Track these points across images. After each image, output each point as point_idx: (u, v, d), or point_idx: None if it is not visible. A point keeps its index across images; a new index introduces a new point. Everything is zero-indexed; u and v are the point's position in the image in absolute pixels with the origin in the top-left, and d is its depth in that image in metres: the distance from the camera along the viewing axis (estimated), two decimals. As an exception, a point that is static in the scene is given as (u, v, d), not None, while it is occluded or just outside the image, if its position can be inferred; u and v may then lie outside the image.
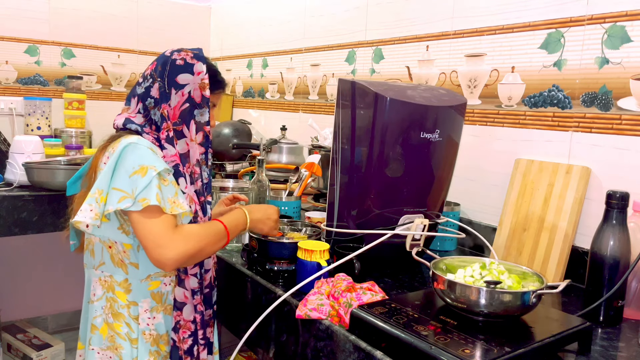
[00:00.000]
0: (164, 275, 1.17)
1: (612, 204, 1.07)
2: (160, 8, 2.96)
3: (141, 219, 1.04)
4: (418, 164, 1.26)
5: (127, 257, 1.14)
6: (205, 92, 1.17)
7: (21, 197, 1.95)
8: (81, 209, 1.04)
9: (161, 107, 1.13)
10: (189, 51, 1.18)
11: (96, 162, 1.15)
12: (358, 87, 1.23)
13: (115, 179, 1.05)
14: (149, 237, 1.04)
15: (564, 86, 1.37)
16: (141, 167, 1.05)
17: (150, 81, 1.15)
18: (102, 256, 1.16)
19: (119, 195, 1.04)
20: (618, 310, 1.08)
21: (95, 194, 1.05)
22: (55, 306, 2.93)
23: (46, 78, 2.68)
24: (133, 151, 1.07)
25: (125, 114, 1.18)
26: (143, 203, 1.03)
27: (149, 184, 1.04)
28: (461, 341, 0.85)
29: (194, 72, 1.15)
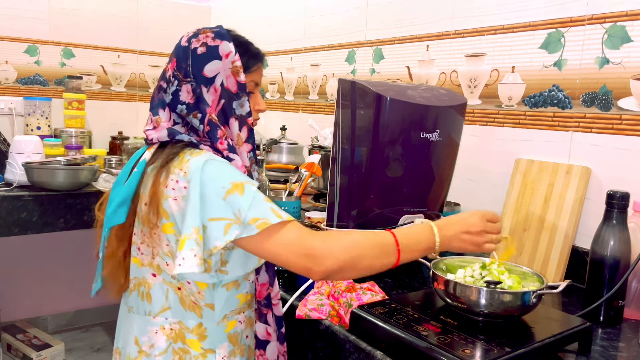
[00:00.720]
0: (238, 312, 1.00)
1: (613, 204, 1.07)
2: (160, 8, 2.96)
3: (264, 240, 0.86)
4: (418, 164, 1.26)
5: (201, 298, 0.95)
6: (240, 77, 0.96)
7: (21, 197, 1.95)
8: (183, 257, 0.84)
9: (205, 113, 0.93)
10: (207, 31, 0.96)
11: (156, 187, 0.91)
12: (358, 87, 1.23)
13: (208, 208, 0.86)
14: (290, 247, 0.86)
15: (564, 86, 1.37)
16: (234, 185, 0.86)
17: (176, 84, 0.95)
18: (166, 300, 0.96)
19: (221, 226, 0.85)
20: (618, 310, 1.08)
21: (193, 234, 0.85)
22: (55, 306, 2.93)
23: (46, 78, 2.68)
24: (215, 169, 0.88)
25: (164, 125, 0.97)
26: (257, 224, 0.84)
27: (254, 200, 0.86)
28: (461, 341, 0.85)
29: (221, 55, 0.94)
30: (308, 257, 0.86)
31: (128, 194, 0.96)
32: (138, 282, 0.99)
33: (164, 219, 0.91)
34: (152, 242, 0.94)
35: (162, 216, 0.91)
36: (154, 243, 0.94)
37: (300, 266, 0.87)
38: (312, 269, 0.86)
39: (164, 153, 0.94)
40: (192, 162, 0.89)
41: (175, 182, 0.89)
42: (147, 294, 0.97)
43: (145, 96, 2.99)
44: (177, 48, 0.97)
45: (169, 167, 0.91)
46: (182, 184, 0.88)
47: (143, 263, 0.98)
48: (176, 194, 0.89)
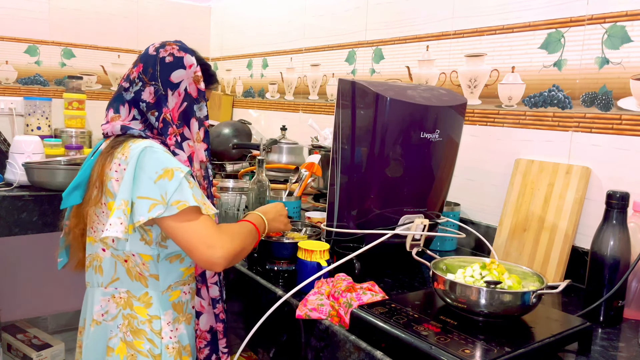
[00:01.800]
0: (182, 284, 1.14)
1: (612, 204, 1.07)
2: (160, 8, 2.96)
3: (180, 223, 0.99)
4: (418, 164, 1.26)
5: (146, 269, 1.08)
6: (200, 85, 1.12)
7: (21, 197, 1.95)
8: (110, 223, 0.97)
9: (162, 112, 1.07)
10: (172, 44, 1.12)
11: (101, 171, 1.06)
12: (358, 87, 1.23)
13: (139, 187, 0.98)
14: (197, 238, 1.00)
15: (564, 86, 1.37)
16: (165, 171, 0.99)
17: (140, 85, 1.08)
18: (114, 272, 1.09)
19: (148, 204, 0.97)
20: (618, 310, 1.08)
21: (122, 206, 0.97)
22: (55, 306, 2.93)
23: (46, 78, 2.68)
24: (151, 155, 1.00)
25: (118, 122, 1.10)
26: (178, 206, 0.98)
27: (179, 186, 0.99)
28: (461, 341, 0.85)
29: (185, 65, 1.09)
30: (214, 251, 1.00)
31: (82, 178, 1.11)
32: (92, 258, 1.12)
33: (109, 198, 1.05)
34: (101, 219, 1.07)
35: (107, 196, 1.05)
36: (103, 220, 1.07)
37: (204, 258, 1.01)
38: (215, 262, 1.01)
39: (112, 141, 1.09)
40: (133, 147, 1.02)
41: (117, 165, 1.04)
42: (99, 267, 1.11)
43: (145, 96, 2.98)
44: (145, 55, 1.11)
45: (113, 152, 1.05)
46: (122, 167, 1.02)
47: (95, 240, 1.11)
48: (118, 176, 1.03)
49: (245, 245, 1.09)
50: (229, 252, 1.02)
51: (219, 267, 1.02)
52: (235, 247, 1.04)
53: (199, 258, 1.01)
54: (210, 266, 1.03)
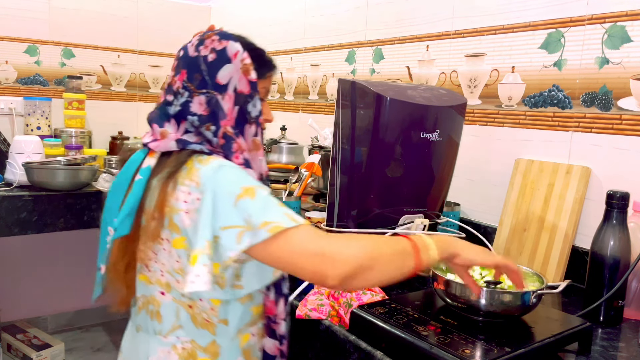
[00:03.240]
0: (251, 324, 0.96)
1: (613, 204, 1.07)
2: (160, 8, 2.96)
3: (276, 246, 0.79)
4: (418, 164, 1.25)
5: (214, 314, 0.90)
6: (251, 75, 0.91)
7: (21, 197, 1.95)
8: (196, 273, 0.78)
9: (219, 125, 0.88)
10: (211, 34, 0.91)
11: (162, 200, 0.86)
12: (358, 87, 1.23)
13: (219, 215, 0.80)
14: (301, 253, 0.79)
15: (564, 86, 1.37)
16: (245, 189, 0.81)
17: (187, 95, 0.89)
18: (176, 318, 0.91)
19: (233, 234, 0.79)
20: (618, 310, 1.08)
21: (206, 249, 0.79)
22: (55, 306, 2.93)
23: (46, 78, 2.68)
24: (226, 175, 0.83)
25: (172, 136, 0.90)
26: (268, 228, 0.78)
27: (265, 204, 0.80)
28: (461, 341, 0.85)
29: (230, 56, 0.89)
30: (322, 260, 0.78)
31: (134, 204, 0.89)
32: (146, 300, 0.93)
33: (175, 234, 0.86)
34: (161, 258, 0.89)
35: (172, 231, 0.86)
36: (162, 259, 0.89)
37: (312, 270, 0.78)
38: (326, 273, 0.77)
39: (169, 162, 0.88)
40: (203, 171, 0.83)
41: (187, 194, 0.84)
42: (156, 313, 0.92)
43: (145, 96, 2.99)
44: (186, 59, 0.91)
45: (176, 178, 0.85)
46: (194, 196, 0.83)
47: (151, 281, 0.92)
48: (188, 207, 0.83)
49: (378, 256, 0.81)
50: (346, 260, 0.78)
51: (331, 279, 0.77)
52: (354, 254, 0.79)
53: (304, 274, 0.80)
54: (320, 280, 0.79)
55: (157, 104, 0.95)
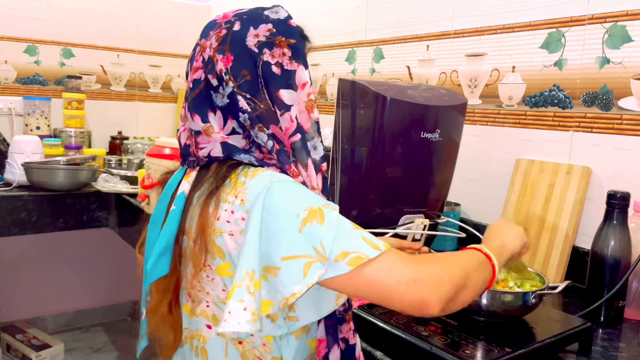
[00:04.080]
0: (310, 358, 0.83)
1: (613, 204, 1.07)
2: (160, 8, 2.96)
3: (358, 279, 0.68)
4: (418, 163, 1.25)
5: (267, 351, 0.78)
6: (314, 113, 0.78)
7: (20, 197, 1.95)
8: (229, 311, 0.66)
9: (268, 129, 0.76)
10: (284, 43, 0.76)
11: (204, 222, 0.75)
12: (358, 87, 1.23)
13: (280, 243, 0.68)
14: (389, 280, 0.68)
15: (565, 86, 1.36)
16: (310, 212, 0.68)
17: (232, 87, 0.75)
18: (225, 356, 0.80)
19: (299, 265, 0.66)
20: (619, 310, 1.08)
21: (245, 281, 0.67)
22: (55, 306, 2.93)
23: (45, 78, 2.68)
24: (283, 192, 0.70)
25: (217, 137, 0.77)
26: (348, 260, 0.66)
27: (338, 229, 0.68)
28: (461, 341, 0.85)
29: (297, 85, 0.76)
30: (419, 286, 0.68)
31: (169, 240, 0.79)
32: (190, 335, 0.83)
33: (219, 259, 0.75)
34: (205, 286, 0.78)
35: (215, 255, 0.75)
36: (207, 287, 0.78)
37: (411, 299, 0.69)
38: (427, 300, 0.68)
39: (210, 175, 0.77)
40: (251, 185, 0.72)
41: (230, 213, 0.72)
42: (202, 349, 0.81)
43: (144, 96, 2.98)
44: (239, 45, 0.76)
45: (219, 193, 0.75)
46: (238, 215, 0.72)
47: (195, 312, 0.82)
48: (232, 228, 0.72)
49: (468, 272, 0.74)
50: (442, 282, 0.70)
51: (434, 305, 0.69)
52: (450, 273, 0.71)
53: (401, 303, 0.69)
54: (420, 308, 0.69)
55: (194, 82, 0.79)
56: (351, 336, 0.83)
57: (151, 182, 1.68)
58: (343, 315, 0.83)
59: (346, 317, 0.83)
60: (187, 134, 0.81)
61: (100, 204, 2.15)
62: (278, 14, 0.79)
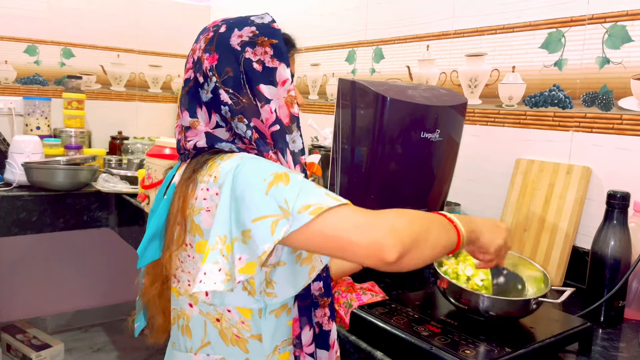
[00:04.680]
0: (291, 343, 0.85)
1: (613, 204, 1.07)
2: (160, 8, 2.96)
3: (319, 226, 0.70)
4: (418, 164, 1.25)
5: (246, 328, 0.81)
6: (294, 108, 0.82)
7: (20, 197, 1.95)
8: (205, 272, 0.70)
9: (251, 120, 0.81)
10: (266, 43, 0.82)
11: (183, 203, 0.80)
12: (358, 87, 1.23)
13: (250, 208, 0.72)
14: (346, 228, 0.70)
15: (565, 86, 1.36)
16: (276, 175, 0.73)
17: (215, 82, 0.81)
18: (205, 334, 0.83)
19: (267, 224, 0.70)
20: (619, 310, 1.08)
21: (218, 245, 0.71)
22: (55, 306, 2.93)
23: (45, 78, 2.68)
24: (252, 164, 0.75)
25: (202, 128, 0.83)
26: (310, 211, 0.69)
27: (303, 187, 0.72)
28: (462, 342, 0.85)
29: (277, 82, 0.81)
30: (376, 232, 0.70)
31: (158, 226, 0.84)
32: (177, 314, 0.87)
33: (198, 237, 0.79)
34: (187, 266, 0.82)
35: (194, 233, 0.79)
36: (187, 267, 0.82)
37: (366, 243, 0.69)
38: (382, 243, 0.69)
39: (192, 163, 0.83)
40: (223, 164, 0.77)
41: (205, 191, 0.77)
42: (186, 327, 0.85)
43: (144, 96, 2.98)
44: (224, 43, 0.82)
45: (195, 177, 0.80)
46: (213, 191, 0.77)
47: (179, 292, 0.85)
48: (209, 204, 0.77)
49: (428, 227, 0.75)
50: (398, 228, 0.70)
51: (390, 248, 0.68)
52: (409, 222, 0.73)
53: (358, 250, 0.70)
54: (377, 252, 0.69)
55: (185, 81, 0.86)
56: (325, 322, 0.86)
57: (151, 182, 1.68)
58: (318, 300, 0.85)
59: (321, 302, 0.85)
60: (179, 130, 0.87)
61: (100, 204, 2.15)
62: (263, 19, 0.86)
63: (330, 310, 0.86)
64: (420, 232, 0.73)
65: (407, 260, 0.71)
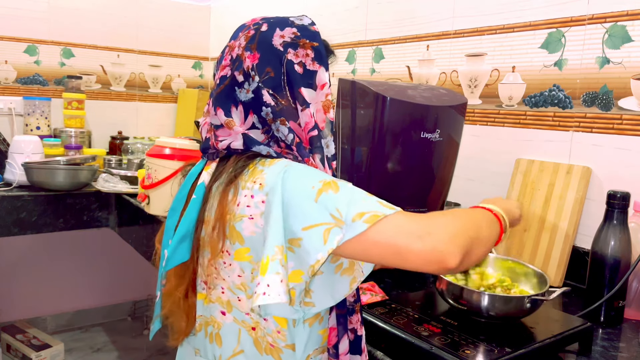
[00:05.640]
0: (322, 351, 0.85)
1: (613, 204, 1.07)
2: (160, 8, 2.96)
3: (372, 236, 0.69)
4: (418, 164, 1.25)
5: (281, 338, 0.80)
6: (330, 113, 0.81)
7: (20, 197, 1.95)
8: (267, 284, 0.68)
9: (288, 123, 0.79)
10: (308, 46, 0.81)
11: (223, 209, 0.78)
12: (358, 87, 1.23)
13: (298, 216, 0.70)
14: (401, 235, 0.69)
15: (565, 86, 1.36)
16: (325, 183, 0.72)
17: (257, 82, 0.79)
18: (237, 343, 0.82)
19: (319, 233, 0.69)
20: (619, 310, 1.08)
21: (277, 255, 0.70)
22: (55, 306, 2.93)
23: (45, 78, 2.68)
24: (297, 172, 0.74)
25: (237, 129, 0.80)
26: (365, 219, 0.69)
27: (353, 195, 0.71)
28: (462, 342, 0.85)
29: (317, 85, 0.80)
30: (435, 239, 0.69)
31: (189, 226, 0.82)
32: (205, 322, 0.85)
33: (238, 244, 0.77)
34: (222, 273, 0.81)
35: (234, 240, 0.77)
36: (223, 274, 0.80)
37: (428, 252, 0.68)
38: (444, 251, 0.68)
39: (229, 166, 0.81)
40: (268, 171, 0.75)
41: (249, 198, 0.75)
42: (216, 335, 0.83)
43: (145, 96, 2.98)
44: (266, 44, 0.81)
45: (237, 182, 0.78)
46: (258, 199, 0.75)
47: (210, 299, 0.84)
48: (252, 212, 0.75)
49: (480, 225, 0.77)
50: (457, 234, 0.70)
51: (452, 256, 0.69)
52: (464, 226, 0.73)
53: (418, 258, 0.69)
54: (439, 261, 0.69)
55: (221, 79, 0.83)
56: (359, 327, 0.85)
57: (151, 182, 1.68)
58: (353, 306, 0.85)
59: (356, 308, 0.85)
60: (208, 127, 0.85)
61: (100, 204, 2.15)
62: (302, 20, 0.87)
63: (361, 315, 0.86)
64: (474, 233, 0.74)
65: (467, 263, 0.73)
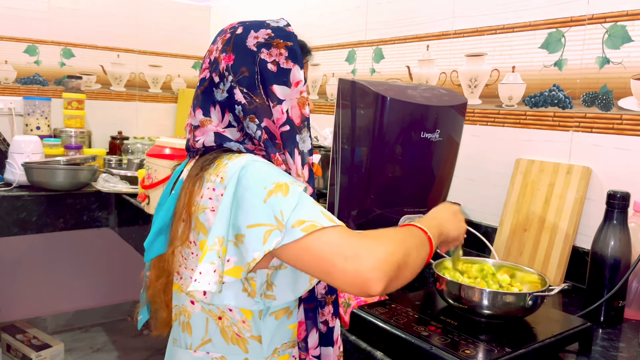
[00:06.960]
0: (292, 346, 0.87)
1: (613, 204, 1.07)
2: (160, 8, 2.96)
3: (305, 245, 0.72)
4: (418, 164, 1.25)
5: (247, 328, 0.82)
6: (305, 109, 0.83)
7: (20, 197, 1.95)
8: (200, 271, 0.72)
9: (262, 120, 0.82)
10: (281, 45, 0.83)
11: (189, 200, 0.82)
12: (358, 87, 1.23)
13: (247, 212, 0.74)
14: (331, 253, 0.71)
15: (565, 86, 1.37)
16: (277, 185, 0.74)
17: (230, 82, 0.83)
18: (205, 331, 0.84)
19: (260, 233, 0.72)
20: (619, 310, 1.08)
21: (216, 246, 0.73)
22: (55, 306, 2.93)
23: (45, 78, 2.68)
24: (256, 169, 0.77)
25: (210, 127, 0.84)
26: (303, 227, 0.71)
27: (299, 201, 0.73)
28: (462, 342, 0.85)
29: (291, 82, 0.83)
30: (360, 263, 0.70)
31: (165, 220, 0.86)
32: (178, 311, 0.88)
33: (202, 235, 0.81)
34: (190, 263, 0.84)
35: (199, 231, 0.81)
36: (190, 264, 0.84)
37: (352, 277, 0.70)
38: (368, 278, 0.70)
39: (199, 161, 0.85)
40: (230, 165, 0.78)
41: (211, 191, 0.79)
42: (187, 324, 0.86)
43: (144, 96, 2.98)
44: (240, 45, 0.83)
45: (202, 175, 0.82)
46: (218, 192, 0.78)
47: (182, 289, 0.87)
48: (213, 204, 0.78)
49: (409, 250, 0.77)
50: (383, 259, 0.71)
51: (375, 283, 0.70)
52: (392, 251, 0.73)
53: (342, 279, 0.71)
54: (362, 285, 0.70)
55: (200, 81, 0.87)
56: (331, 319, 0.87)
57: (151, 182, 1.68)
58: (325, 298, 0.86)
59: (327, 300, 0.87)
60: (189, 128, 0.89)
61: (100, 204, 2.15)
62: (278, 22, 0.88)
63: (334, 307, 0.87)
64: (403, 258, 0.75)
65: (391, 288, 0.75)
